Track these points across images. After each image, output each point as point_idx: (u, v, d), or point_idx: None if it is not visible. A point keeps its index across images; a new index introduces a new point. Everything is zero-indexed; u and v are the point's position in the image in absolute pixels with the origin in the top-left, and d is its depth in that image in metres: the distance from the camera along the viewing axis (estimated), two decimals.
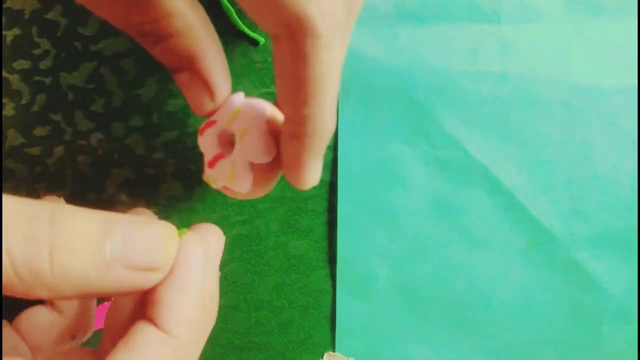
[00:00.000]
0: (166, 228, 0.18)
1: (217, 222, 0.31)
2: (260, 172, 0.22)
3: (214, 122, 0.23)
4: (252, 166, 0.22)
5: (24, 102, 0.30)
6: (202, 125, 0.24)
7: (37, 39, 0.30)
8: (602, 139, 0.31)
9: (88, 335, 0.23)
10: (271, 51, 0.30)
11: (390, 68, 0.30)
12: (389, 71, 0.30)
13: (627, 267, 0.31)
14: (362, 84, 0.30)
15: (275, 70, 0.18)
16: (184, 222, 0.31)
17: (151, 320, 0.17)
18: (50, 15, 0.30)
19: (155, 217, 0.24)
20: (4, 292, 0.15)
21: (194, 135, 0.30)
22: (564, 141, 0.31)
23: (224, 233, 0.31)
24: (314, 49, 0.17)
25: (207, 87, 0.22)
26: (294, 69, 0.17)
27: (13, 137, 0.30)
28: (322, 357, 0.31)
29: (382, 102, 0.30)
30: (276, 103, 0.24)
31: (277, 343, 0.31)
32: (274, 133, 0.22)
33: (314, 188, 0.31)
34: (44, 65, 0.30)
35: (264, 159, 0.21)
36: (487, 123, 0.31)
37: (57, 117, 0.30)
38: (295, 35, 0.16)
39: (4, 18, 0.29)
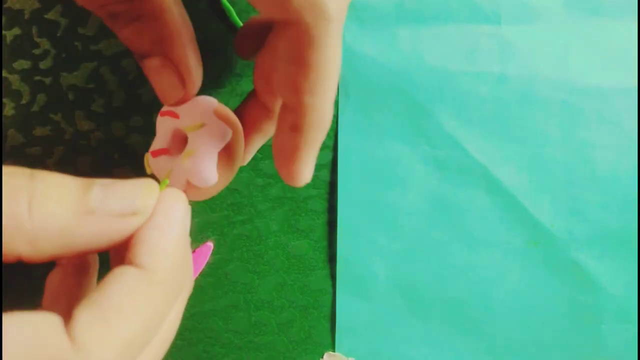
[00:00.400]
0: (144, 179, 0.18)
1: (217, 222, 0.31)
2: (193, 188, 0.22)
3: (176, 116, 0.22)
4: (187, 183, 0.22)
5: (24, 102, 0.30)
6: (166, 109, 0.22)
7: (37, 39, 0.30)
8: (602, 139, 0.31)
9: None
10: None
11: (390, 68, 0.30)
12: (389, 71, 0.30)
13: (627, 267, 0.31)
14: (362, 84, 0.30)
15: (280, 61, 0.18)
16: None
17: (128, 261, 0.17)
18: (50, 15, 0.30)
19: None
20: None
21: None
22: (563, 141, 0.31)
23: (224, 233, 0.31)
24: (325, 33, 0.17)
25: (178, 74, 0.21)
26: (303, 54, 0.17)
27: (13, 137, 0.30)
28: (322, 357, 0.31)
29: (382, 102, 0.30)
30: (251, 105, 0.24)
31: (277, 343, 0.31)
32: (224, 156, 0.21)
33: (314, 188, 0.31)
34: (44, 65, 0.30)
35: (200, 184, 0.21)
36: (487, 123, 0.31)
37: (57, 117, 0.30)
38: (306, 20, 0.17)
39: (4, 18, 0.29)
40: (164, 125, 0.23)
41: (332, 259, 0.31)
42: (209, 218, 0.31)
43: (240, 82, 0.30)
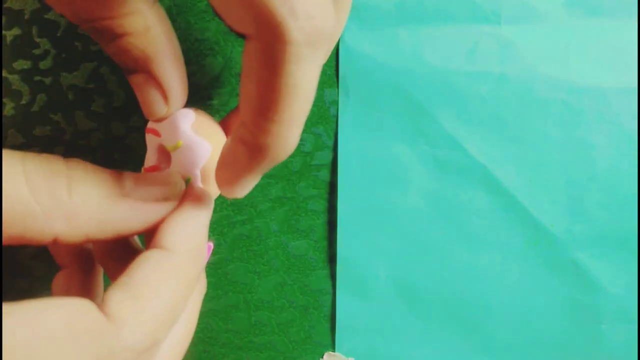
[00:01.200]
0: (172, 171, 0.20)
1: (217, 222, 0.31)
2: None
3: (158, 135, 0.22)
4: None
5: (24, 102, 0.30)
6: (150, 126, 0.23)
7: (37, 39, 0.30)
8: (602, 139, 0.31)
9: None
10: None
11: (390, 68, 0.30)
12: (389, 71, 0.30)
13: (627, 266, 0.31)
14: (362, 84, 0.30)
15: (242, 73, 0.17)
16: None
17: (154, 245, 0.19)
18: (50, 15, 0.30)
19: None
20: (17, 232, 0.16)
21: None
22: (563, 141, 0.31)
23: (224, 233, 0.31)
24: (285, 57, 0.15)
25: (162, 91, 0.21)
26: (262, 75, 0.15)
27: (13, 137, 0.30)
28: (322, 357, 0.31)
29: (382, 102, 0.30)
30: (235, 113, 0.24)
31: (277, 343, 0.31)
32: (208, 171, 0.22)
33: (314, 188, 0.31)
34: (44, 65, 0.30)
35: None
36: (487, 123, 0.31)
37: (57, 117, 0.30)
38: (265, 38, 0.15)
39: (4, 18, 0.29)
40: (150, 142, 0.23)
41: (332, 259, 0.31)
42: None
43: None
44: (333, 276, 0.31)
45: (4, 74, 0.30)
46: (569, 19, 0.30)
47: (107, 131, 0.30)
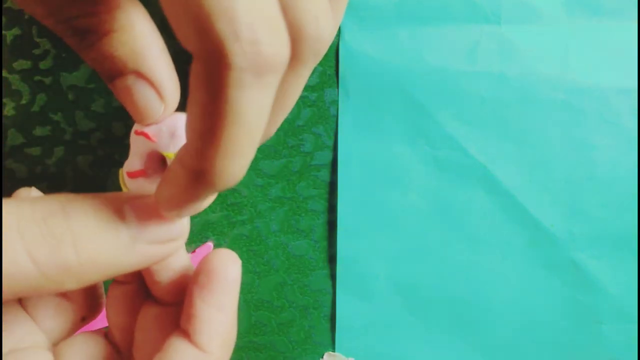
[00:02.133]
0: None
1: (217, 222, 0.31)
2: None
3: (152, 140, 0.20)
4: None
5: (24, 102, 0.30)
6: (140, 130, 0.21)
7: (37, 39, 0.30)
8: (602, 139, 0.31)
9: (98, 315, 0.23)
10: None
11: (390, 68, 0.30)
12: (389, 71, 0.30)
13: (627, 267, 0.31)
14: (362, 84, 0.30)
15: (189, 93, 0.15)
16: None
17: (187, 335, 0.18)
18: None
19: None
20: (32, 294, 0.16)
21: None
22: (563, 141, 0.31)
23: (224, 233, 0.31)
24: (225, 82, 0.13)
25: (155, 89, 0.19)
26: (203, 98, 0.14)
27: (13, 137, 0.30)
28: (322, 357, 0.31)
29: (382, 102, 0.30)
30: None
31: (277, 343, 0.31)
32: None
33: (314, 188, 0.31)
34: (44, 65, 0.30)
35: None
36: (487, 123, 0.31)
37: (57, 117, 0.30)
38: (207, 59, 0.13)
39: (4, 18, 0.29)
40: (139, 145, 0.21)
41: (332, 259, 0.31)
42: (209, 218, 0.31)
43: None
44: (333, 276, 0.31)
45: (4, 74, 0.30)
46: (569, 19, 0.30)
47: (107, 131, 0.30)
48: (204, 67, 0.13)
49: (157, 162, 0.22)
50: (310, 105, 0.30)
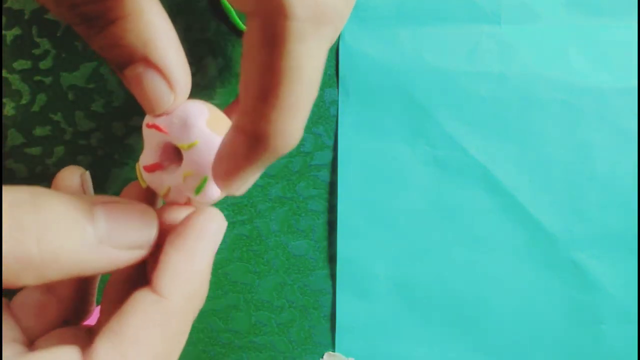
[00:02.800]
0: (143, 206, 0.18)
1: None
2: (194, 202, 0.21)
3: (164, 132, 0.20)
4: (188, 198, 0.21)
5: (24, 102, 0.30)
6: (152, 122, 0.20)
7: (37, 39, 0.30)
8: (602, 139, 0.31)
9: (84, 321, 0.23)
10: None
11: (390, 68, 0.30)
12: (389, 71, 0.30)
13: (627, 267, 0.31)
14: (362, 84, 0.30)
15: (242, 56, 0.15)
16: None
17: (149, 283, 0.17)
18: (50, 15, 0.30)
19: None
20: None
21: None
22: (563, 141, 0.31)
23: (224, 233, 0.31)
24: (286, 34, 0.13)
25: (165, 78, 0.19)
26: (262, 55, 0.14)
27: (13, 137, 0.30)
28: (322, 357, 0.31)
29: (382, 102, 0.30)
30: (237, 103, 0.22)
31: (277, 343, 0.31)
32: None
33: (314, 188, 0.31)
34: (44, 65, 0.30)
35: (203, 201, 0.20)
36: (487, 123, 0.31)
37: (57, 117, 0.30)
38: (265, 13, 0.13)
39: (4, 18, 0.29)
40: (152, 139, 0.21)
41: (332, 259, 0.31)
42: None
43: None
44: (333, 276, 0.31)
45: (4, 74, 0.30)
46: (569, 19, 0.30)
47: (107, 131, 0.30)
48: (261, 23, 0.13)
49: (172, 153, 0.21)
50: None
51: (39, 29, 0.30)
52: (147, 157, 0.21)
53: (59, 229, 0.16)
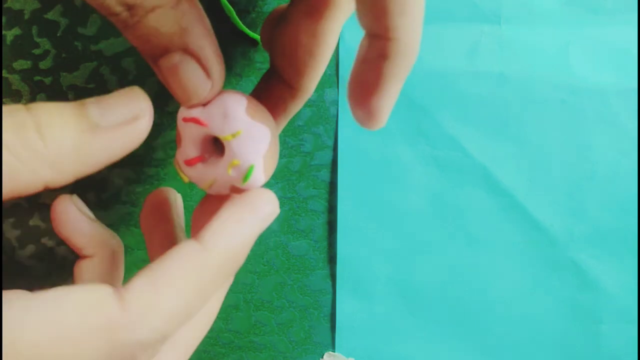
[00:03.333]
0: (129, 87, 0.19)
1: None
2: (237, 191, 0.21)
3: (201, 123, 0.20)
4: (231, 187, 0.21)
5: (24, 102, 0.30)
6: (189, 115, 0.20)
7: (37, 39, 0.30)
8: (602, 139, 0.31)
9: None
10: None
11: None
12: None
13: (627, 267, 0.31)
14: None
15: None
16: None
17: (195, 235, 0.18)
18: (50, 15, 0.30)
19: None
20: (8, 190, 0.17)
21: None
22: (563, 141, 0.31)
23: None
24: None
25: (203, 67, 0.19)
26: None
27: None
28: (322, 357, 0.31)
29: None
30: (273, 85, 0.23)
31: (277, 343, 0.31)
32: (266, 156, 0.21)
33: (314, 188, 0.31)
34: (44, 65, 0.30)
35: (248, 188, 0.21)
36: (487, 123, 0.31)
37: None
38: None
39: (4, 18, 0.29)
40: (190, 132, 0.21)
41: (332, 259, 0.31)
42: None
43: (240, 82, 0.30)
44: (333, 276, 0.31)
45: (4, 74, 0.30)
46: (569, 19, 0.30)
47: None
48: None
49: (211, 145, 0.21)
50: (310, 105, 0.30)
51: (39, 29, 0.30)
52: (187, 151, 0.21)
53: (55, 123, 0.17)
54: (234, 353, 0.31)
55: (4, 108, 0.17)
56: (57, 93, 0.30)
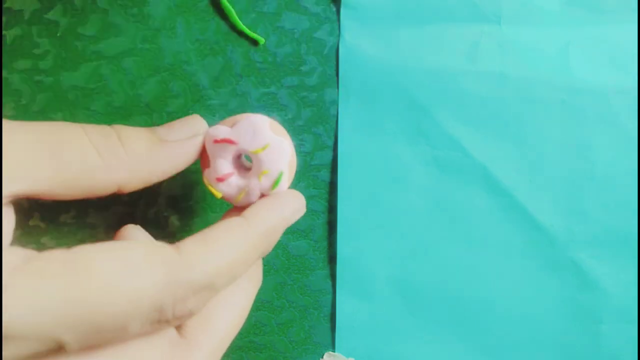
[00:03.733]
0: (192, 115, 0.25)
1: None
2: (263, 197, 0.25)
3: (232, 142, 0.24)
4: (261, 194, 0.25)
5: (24, 102, 0.30)
6: (220, 137, 0.24)
7: (37, 39, 0.30)
8: (602, 139, 0.31)
9: None
10: (271, 51, 0.30)
11: (390, 68, 0.30)
12: (389, 71, 0.30)
13: (627, 267, 0.31)
14: (362, 84, 0.30)
15: None
16: (184, 222, 0.31)
17: (241, 213, 0.23)
18: (50, 15, 0.30)
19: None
20: (86, 184, 0.20)
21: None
22: (563, 141, 0.31)
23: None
24: None
25: None
26: None
27: None
28: (322, 357, 0.31)
29: (382, 102, 0.30)
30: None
31: (277, 343, 0.31)
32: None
33: (314, 188, 0.31)
34: (44, 65, 0.30)
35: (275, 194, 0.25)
36: (487, 123, 0.31)
37: (57, 117, 0.30)
38: None
39: (4, 18, 0.29)
40: (222, 151, 0.24)
41: (332, 259, 0.31)
42: (209, 218, 0.31)
43: (240, 82, 0.30)
44: (333, 276, 0.31)
45: (4, 74, 0.30)
46: (569, 19, 0.30)
47: None
48: None
49: (238, 160, 0.25)
50: (310, 105, 0.30)
51: (39, 28, 0.30)
52: (219, 168, 0.24)
53: (132, 137, 0.22)
54: (234, 353, 0.31)
55: (95, 126, 0.22)
56: (57, 93, 0.30)
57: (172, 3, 0.30)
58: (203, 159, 0.25)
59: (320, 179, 0.31)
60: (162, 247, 0.19)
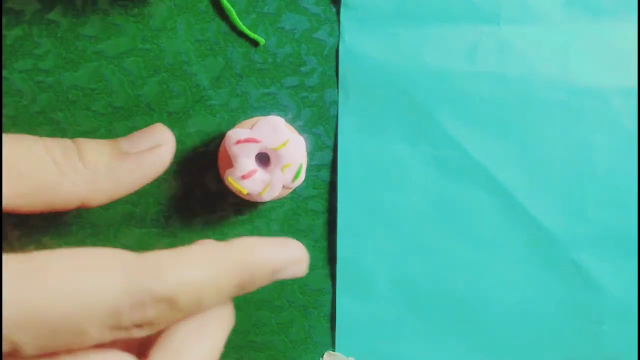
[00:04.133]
0: (156, 124, 0.24)
1: (217, 222, 0.31)
2: (284, 189, 0.28)
3: (256, 141, 0.26)
4: (283, 186, 0.27)
5: (24, 102, 0.30)
6: (243, 137, 0.26)
7: (38, 39, 0.30)
8: (602, 139, 0.31)
9: None
10: (271, 51, 0.30)
11: (390, 68, 0.30)
12: (389, 71, 0.30)
13: (627, 266, 0.31)
14: (362, 84, 0.30)
15: None
16: (184, 222, 0.31)
17: None
18: (51, 16, 0.30)
19: None
20: (47, 199, 0.20)
21: (195, 135, 0.30)
22: (563, 141, 0.31)
23: (224, 233, 0.31)
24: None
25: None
26: None
27: None
28: (322, 357, 0.31)
29: (382, 103, 0.30)
30: None
31: (277, 343, 0.31)
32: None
33: (314, 188, 0.31)
34: (45, 65, 0.30)
35: (296, 185, 0.28)
36: (487, 123, 0.31)
37: (58, 117, 0.30)
38: None
39: (4, 18, 0.30)
40: (245, 150, 0.26)
41: (332, 259, 0.31)
42: (209, 218, 0.31)
43: (241, 83, 0.30)
44: (333, 276, 0.31)
45: (4, 74, 0.30)
46: (569, 19, 0.30)
47: (109, 131, 0.30)
48: None
49: (263, 157, 0.28)
50: (310, 105, 0.31)
51: (40, 29, 0.30)
52: (243, 167, 0.27)
53: (92, 151, 0.22)
54: (234, 353, 0.31)
55: (55, 140, 0.22)
56: (58, 93, 0.30)
57: (172, 3, 0.30)
58: (223, 161, 0.27)
59: (320, 179, 0.31)
60: (123, 253, 0.18)
